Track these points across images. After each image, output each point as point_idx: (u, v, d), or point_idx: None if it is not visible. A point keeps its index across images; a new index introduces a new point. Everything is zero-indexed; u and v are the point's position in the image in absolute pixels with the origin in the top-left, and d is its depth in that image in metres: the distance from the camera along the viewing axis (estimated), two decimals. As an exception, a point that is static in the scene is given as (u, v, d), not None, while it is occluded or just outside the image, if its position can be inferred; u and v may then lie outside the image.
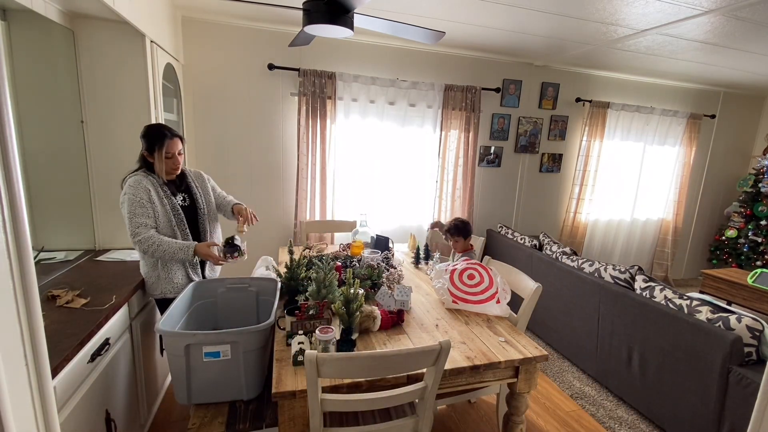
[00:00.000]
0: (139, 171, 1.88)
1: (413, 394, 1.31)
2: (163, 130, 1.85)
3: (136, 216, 1.76)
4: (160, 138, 1.82)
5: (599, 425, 2.32)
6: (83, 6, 1.88)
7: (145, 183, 1.82)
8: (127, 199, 1.77)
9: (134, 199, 1.77)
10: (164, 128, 1.86)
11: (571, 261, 2.98)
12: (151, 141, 1.83)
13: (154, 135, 1.83)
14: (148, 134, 1.84)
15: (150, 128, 1.86)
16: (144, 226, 1.77)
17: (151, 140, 1.83)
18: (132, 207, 1.76)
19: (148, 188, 1.82)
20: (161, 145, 1.82)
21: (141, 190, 1.79)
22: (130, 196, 1.77)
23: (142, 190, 1.80)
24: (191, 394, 1.49)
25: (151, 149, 1.83)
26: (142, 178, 1.83)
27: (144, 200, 1.79)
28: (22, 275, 0.67)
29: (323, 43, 3.26)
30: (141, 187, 1.80)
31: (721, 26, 2.57)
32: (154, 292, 1.92)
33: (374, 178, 3.62)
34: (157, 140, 1.82)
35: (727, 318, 1.99)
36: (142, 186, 1.80)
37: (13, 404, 0.64)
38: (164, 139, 1.83)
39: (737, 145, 5.03)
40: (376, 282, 2.09)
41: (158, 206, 1.84)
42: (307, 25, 1.76)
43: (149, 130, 1.85)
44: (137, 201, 1.77)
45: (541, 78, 3.99)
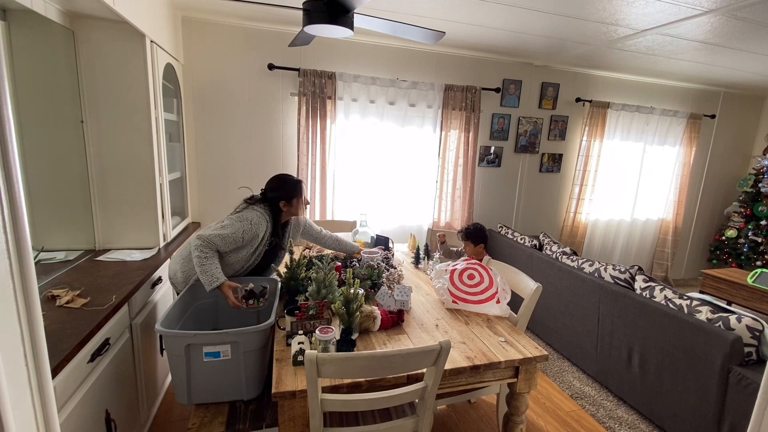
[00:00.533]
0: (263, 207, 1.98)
1: (413, 394, 1.31)
2: (294, 178, 2.06)
3: (224, 239, 1.83)
4: (298, 184, 2.04)
5: (599, 425, 2.32)
6: (83, 6, 1.87)
7: (263, 227, 1.93)
8: (240, 228, 1.86)
9: (239, 233, 1.86)
10: (291, 176, 2.06)
11: (571, 261, 2.98)
12: (292, 190, 2.01)
13: (293, 184, 2.03)
14: (284, 185, 2.02)
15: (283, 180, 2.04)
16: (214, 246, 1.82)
17: (292, 189, 2.02)
18: (233, 233, 1.84)
19: (259, 234, 1.92)
20: (301, 191, 2.04)
21: (252, 233, 1.89)
22: (244, 228, 1.87)
23: (253, 234, 1.90)
24: (191, 394, 1.49)
25: (291, 197, 2.00)
26: (264, 222, 1.94)
27: (245, 239, 1.88)
28: (22, 275, 0.67)
29: (323, 43, 3.26)
30: (258, 230, 1.90)
31: (721, 26, 2.57)
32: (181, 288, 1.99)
33: (374, 178, 3.62)
34: (296, 189, 2.03)
35: (727, 318, 1.99)
36: (259, 230, 1.91)
37: (13, 404, 0.64)
38: (301, 187, 2.04)
39: (737, 145, 5.03)
40: (376, 282, 2.09)
41: (255, 246, 1.94)
42: (307, 25, 1.76)
43: (285, 182, 2.02)
44: (239, 236, 1.86)
45: (541, 78, 3.99)
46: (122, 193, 2.27)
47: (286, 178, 2.04)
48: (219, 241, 1.81)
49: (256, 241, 1.93)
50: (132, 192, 2.28)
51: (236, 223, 1.87)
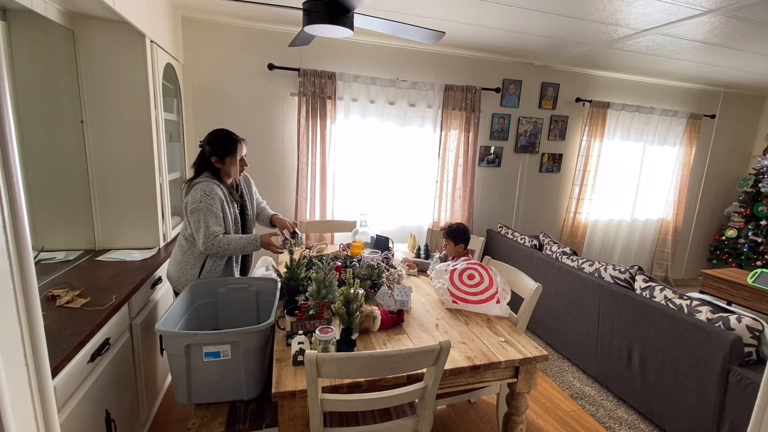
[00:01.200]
0: (204, 177, 1.90)
1: (413, 394, 1.31)
2: (233, 135, 1.93)
3: (211, 225, 1.81)
4: (233, 143, 1.91)
5: (599, 425, 2.32)
6: (83, 6, 1.87)
7: (218, 191, 1.87)
8: (204, 207, 1.81)
9: (210, 209, 1.82)
10: (232, 133, 1.95)
11: (571, 261, 2.98)
12: (223, 147, 1.90)
13: (226, 140, 1.91)
14: (218, 140, 1.91)
15: (219, 134, 1.92)
16: (216, 235, 1.83)
17: (223, 146, 1.90)
18: (207, 216, 1.81)
19: (221, 196, 1.88)
20: (235, 150, 1.91)
21: (216, 199, 1.84)
22: (207, 205, 1.81)
23: (217, 199, 1.85)
24: (191, 394, 1.49)
25: (223, 154, 1.90)
26: (215, 186, 1.87)
27: (217, 209, 1.85)
28: (22, 275, 0.67)
29: (323, 43, 3.26)
30: (215, 195, 1.85)
31: (721, 26, 2.57)
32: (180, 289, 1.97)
33: (374, 178, 3.62)
34: (230, 145, 1.91)
35: (727, 318, 1.99)
36: (216, 194, 1.85)
37: (13, 404, 0.64)
38: (237, 144, 1.92)
39: (737, 145, 5.03)
40: (376, 282, 2.09)
41: (227, 211, 1.92)
42: (307, 25, 1.76)
43: (219, 137, 1.91)
44: (212, 211, 1.82)
45: (541, 78, 3.99)
46: (122, 193, 2.27)
47: (223, 133, 1.95)
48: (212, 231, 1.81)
49: (227, 207, 1.92)
50: (132, 192, 2.28)
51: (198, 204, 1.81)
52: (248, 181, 2.21)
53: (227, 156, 1.91)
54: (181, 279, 1.98)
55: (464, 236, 2.62)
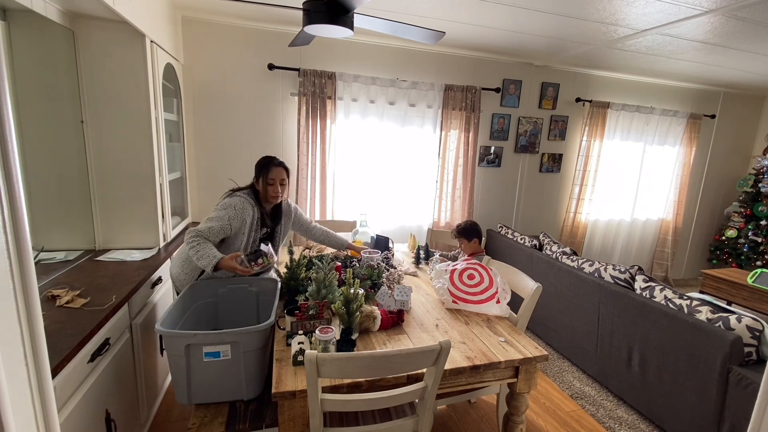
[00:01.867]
0: (246, 193, 1.99)
1: (413, 394, 1.31)
2: (272, 158, 2.03)
3: (213, 230, 1.85)
4: (267, 164, 2.00)
5: (599, 425, 2.32)
6: (83, 6, 1.87)
7: (249, 212, 1.94)
8: (225, 215, 1.88)
9: (227, 222, 1.88)
10: (272, 158, 2.04)
11: (571, 261, 2.98)
12: (259, 167, 2.01)
13: (263, 161, 2.02)
14: (259, 162, 2.03)
15: (262, 158, 2.04)
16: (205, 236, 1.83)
17: (259, 166, 2.01)
18: (220, 222, 1.86)
19: (246, 219, 1.93)
20: (267, 171, 1.98)
21: (239, 219, 1.91)
22: (229, 215, 1.88)
23: (240, 220, 1.91)
24: (191, 394, 1.49)
25: (257, 176, 2.00)
26: (249, 207, 1.95)
27: (234, 227, 1.90)
28: (22, 275, 0.67)
29: (323, 43, 3.26)
30: (243, 215, 1.92)
31: (721, 26, 2.57)
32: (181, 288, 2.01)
33: (374, 178, 3.62)
34: (263, 166, 2.00)
35: (727, 318, 1.99)
36: (245, 214, 1.92)
37: (13, 404, 0.64)
38: (270, 165, 1.99)
39: (737, 145, 5.03)
40: (376, 282, 2.09)
41: (245, 234, 1.95)
42: (307, 25, 1.76)
43: (261, 159, 2.04)
44: (227, 223, 1.88)
45: (541, 78, 3.99)
46: (122, 193, 2.27)
47: (263, 157, 2.05)
48: (208, 232, 1.83)
49: (245, 227, 1.94)
50: (132, 192, 2.28)
51: (221, 211, 1.89)
52: (289, 210, 2.24)
53: (258, 177, 2.01)
54: (181, 277, 1.98)
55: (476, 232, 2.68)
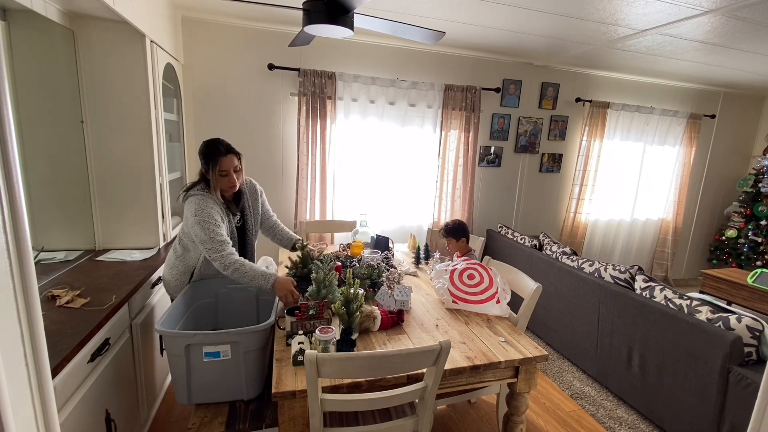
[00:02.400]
0: (198, 188, 1.81)
1: (413, 394, 1.31)
2: (218, 146, 1.80)
3: (216, 235, 1.71)
4: (214, 154, 1.78)
5: (599, 425, 2.32)
6: (83, 6, 1.87)
7: (211, 204, 1.78)
8: (201, 220, 1.71)
9: (208, 219, 1.72)
10: (219, 144, 1.81)
11: (571, 261, 2.98)
12: (204, 158, 1.79)
13: (207, 152, 1.79)
14: (203, 151, 1.80)
15: (205, 144, 1.81)
16: (226, 243, 1.72)
17: (204, 157, 1.79)
18: (208, 227, 1.71)
19: (216, 208, 1.79)
20: (215, 163, 1.78)
21: (213, 210, 1.76)
22: (204, 217, 1.72)
23: (215, 210, 1.77)
24: (191, 394, 1.49)
25: (205, 166, 1.79)
26: (207, 199, 1.78)
27: (217, 219, 1.75)
28: (22, 275, 0.67)
29: (323, 43, 3.26)
30: (211, 206, 1.77)
31: (721, 26, 2.57)
32: (175, 294, 1.93)
33: (374, 178, 3.62)
34: (210, 157, 1.78)
35: (727, 318, 1.99)
36: (210, 207, 1.77)
37: (13, 404, 0.64)
38: (218, 156, 1.78)
39: (737, 145, 5.03)
40: (376, 282, 2.09)
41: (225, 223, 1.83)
42: (307, 25, 1.76)
43: (204, 147, 1.80)
44: (212, 221, 1.73)
45: (541, 78, 3.99)
46: (122, 193, 2.27)
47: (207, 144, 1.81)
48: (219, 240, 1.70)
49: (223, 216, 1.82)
50: (132, 192, 2.28)
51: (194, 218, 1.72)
52: (254, 191, 2.10)
53: (208, 168, 1.79)
54: (172, 283, 1.93)
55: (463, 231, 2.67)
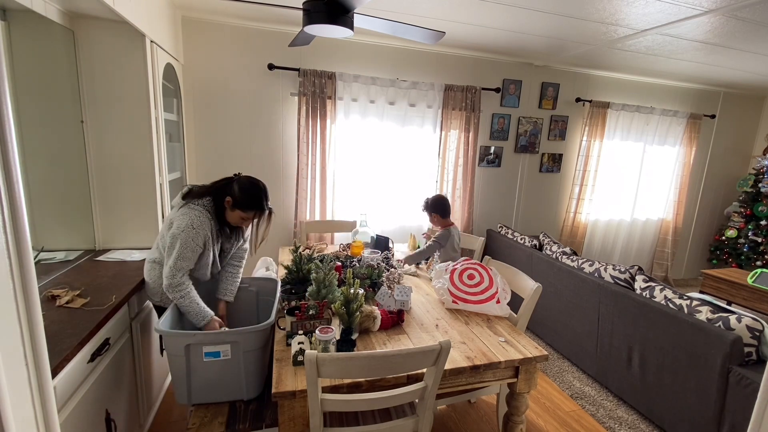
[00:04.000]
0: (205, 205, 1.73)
1: (413, 394, 1.31)
2: (264, 202, 1.76)
3: (184, 259, 1.66)
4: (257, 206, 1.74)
5: (599, 425, 2.32)
6: (83, 6, 1.88)
7: (208, 227, 1.71)
8: (184, 238, 1.65)
9: (191, 243, 1.66)
10: (266, 198, 1.77)
11: (571, 261, 2.98)
12: (248, 202, 1.73)
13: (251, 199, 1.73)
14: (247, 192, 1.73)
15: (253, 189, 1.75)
16: (185, 270, 1.67)
17: (248, 201, 1.73)
18: (184, 249, 1.65)
19: (207, 234, 1.72)
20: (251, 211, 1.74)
21: (201, 235, 1.69)
22: (190, 237, 1.66)
23: (202, 236, 1.69)
24: (191, 394, 1.49)
25: (238, 205, 1.72)
26: (205, 220, 1.70)
27: (198, 245, 1.69)
28: (22, 275, 0.67)
29: (323, 43, 3.26)
30: (203, 231, 1.70)
31: (721, 26, 2.57)
32: (154, 298, 1.86)
33: (374, 178, 3.62)
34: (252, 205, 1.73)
35: (727, 318, 1.99)
36: (203, 231, 1.70)
37: (13, 404, 0.64)
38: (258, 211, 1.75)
39: (737, 145, 5.03)
40: (376, 282, 2.09)
41: (209, 251, 1.77)
42: (307, 25, 1.76)
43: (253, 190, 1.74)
44: (192, 245, 1.66)
45: (541, 78, 3.99)
46: (122, 193, 2.27)
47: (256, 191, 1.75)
48: (181, 265, 1.65)
49: (208, 243, 1.74)
50: (132, 192, 2.28)
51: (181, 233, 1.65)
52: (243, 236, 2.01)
53: (240, 209, 1.73)
54: (150, 285, 1.85)
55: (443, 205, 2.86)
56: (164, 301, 1.85)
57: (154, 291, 1.84)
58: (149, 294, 1.88)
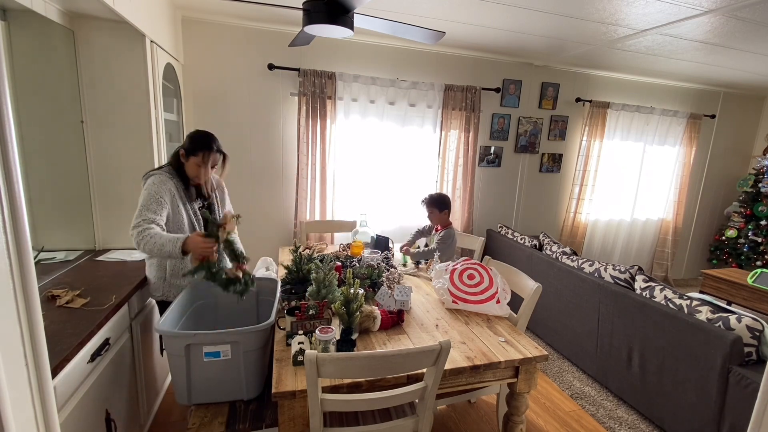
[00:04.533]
0: (163, 170, 1.83)
1: (413, 394, 1.31)
2: (210, 141, 1.84)
3: (147, 210, 1.69)
4: (204, 146, 1.81)
5: (599, 425, 2.32)
6: (83, 6, 1.88)
7: (169, 185, 1.79)
8: (146, 193, 1.72)
9: (153, 195, 1.72)
10: (213, 140, 1.85)
11: (571, 261, 2.98)
12: (193, 144, 1.81)
13: (199, 141, 1.82)
14: (194, 137, 1.84)
15: (199, 133, 1.86)
16: (148, 221, 1.68)
17: (193, 144, 1.82)
18: (147, 201, 1.70)
19: (171, 190, 1.79)
20: (202, 153, 1.81)
21: (164, 190, 1.76)
22: (150, 191, 1.72)
23: (165, 190, 1.76)
24: (191, 394, 1.49)
25: (190, 152, 1.81)
26: (167, 179, 1.79)
27: (163, 199, 1.74)
28: (22, 275, 0.67)
29: (323, 43, 3.26)
30: (165, 187, 1.77)
31: (721, 26, 2.57)
32: (156, 293, 1.89)
33: (374, 178, 3.62)
34: (199, 146, 1.81)
35: (727, 318, 1.99)
36: (166, 186, 1.77)
37: (13, 404, 0.64)
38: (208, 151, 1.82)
39: (737, 145, 5.03)
40: (376, 282, 2.09)
41: (181, 209, 1.83)
42: (307, 25, 1.76)
43: (196, 135, 1.85)
44: (155, 197, 1.72)
45: (541, 78, 3.99)
46: (122, 193, 2.27)
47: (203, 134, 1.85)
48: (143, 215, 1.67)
49: (177, 200, 1.80)
50: (132, 192, 2.28)
51: (144, 191, 1.73)
52: (222, 187, 2.11)
53: (192, 155, 1.81)
54: (150, 281, 1.88)
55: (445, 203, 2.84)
56: (166, 295, 1.88)
57: (156, 286, 1.88)
58: (151, 291, 1.91)
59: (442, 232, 2.77)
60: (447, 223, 2.83)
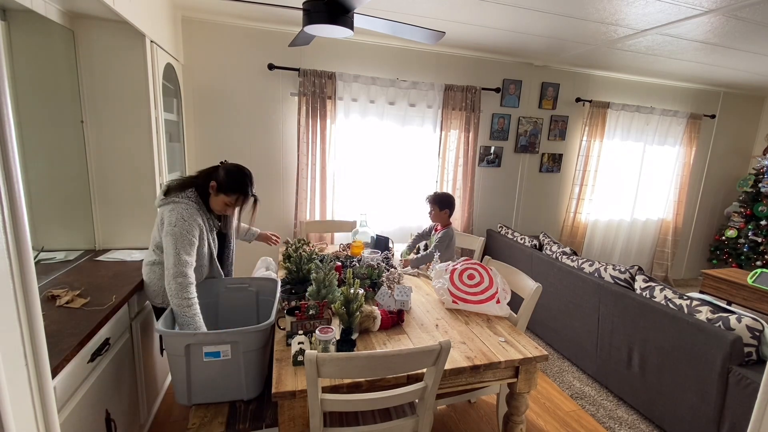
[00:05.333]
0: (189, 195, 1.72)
1: (413, 394, 1.31)
2: (248, 186, 1.77)
3: (183, 252, 1.62)
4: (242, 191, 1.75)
5: (599, 425, 2.32)
6: (83, 6, 1.88)
7: (197, 218, 1.71)
8: (177, 231, 1.62)
9: (186, 235, 1.64)
10: (250, 182, 1.79)
11: (571, 261, 2.98)
12: (231, 185, 1.73)
13: (236, 183, 1.74)
14: (232, 176, 1.75)
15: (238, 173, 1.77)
16: (189, 265, 1.62)
17: (231, 184, 1.73)
18: (181, 242, 1.62)
19: (200, 224, 1.72)
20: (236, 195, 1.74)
21: (194, 226, 1.67)
22: (182, 229, 1.63)
23: (195, 226, 1.68)
24: (191, 394, 1.49)
25: (223, 189, 1.73)
26: (195, 212, 1.70)
27: (195, 238, 1.67)
28: (22, 275, 0.67)
29: (323, 43, 3.26)
30: (194, 222, 1.68)
31: (721, 26, 2.57)
32: (156, 300, 1.85)
33: (374, 178, 3.62)
34: (235, 188, 1.74)
35: (727, 318, 1.99)
36: (196, 222, 1.69)
37: (13, 404, 0.64)
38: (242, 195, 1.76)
39: (737, 145, 5.03)
40: (376, 282, 2.09)
41: (205, 241, 1.77)
42: (307, 25, 1.76)
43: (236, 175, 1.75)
44: (188, 238, 1.64)
45: (541, 78, 3.99)
46: (122, 193, 2.27)
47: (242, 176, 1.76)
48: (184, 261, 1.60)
49: (203, 233, 1.75)
50: (132, 192, 2.28)
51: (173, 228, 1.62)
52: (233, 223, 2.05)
53: (224, 193, 1.73)
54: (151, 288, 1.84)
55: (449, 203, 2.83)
56: (166, 303, 1.81)
57: (156, 293, 1.83)
58: (150, 297, 1.87)
59: (440, 233, 2.77)
60: (447, 223, 2.83)
